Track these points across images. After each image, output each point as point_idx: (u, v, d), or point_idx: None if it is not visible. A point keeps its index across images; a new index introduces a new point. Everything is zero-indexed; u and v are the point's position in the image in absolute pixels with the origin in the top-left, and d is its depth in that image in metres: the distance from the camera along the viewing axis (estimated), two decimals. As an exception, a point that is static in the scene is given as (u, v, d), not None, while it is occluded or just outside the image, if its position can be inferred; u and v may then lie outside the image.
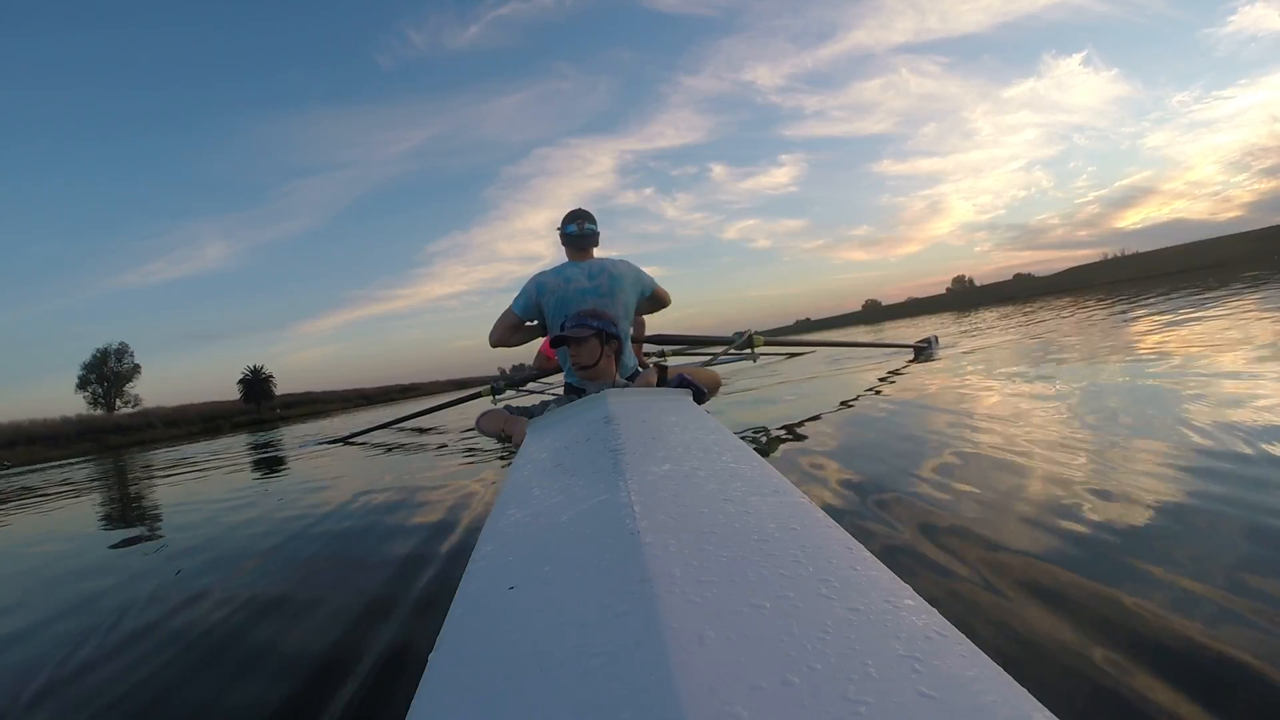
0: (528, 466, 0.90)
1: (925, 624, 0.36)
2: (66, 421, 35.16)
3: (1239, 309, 3.86)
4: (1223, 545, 0.79)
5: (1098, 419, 1.54)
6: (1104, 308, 6.73)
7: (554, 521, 0.59)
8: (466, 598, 0.50)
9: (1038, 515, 0.96)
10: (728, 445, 0.80)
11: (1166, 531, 0.84)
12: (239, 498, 2.77)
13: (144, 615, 1.22)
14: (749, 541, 0.47)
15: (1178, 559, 0.76)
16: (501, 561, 0.54)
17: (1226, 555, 0.76)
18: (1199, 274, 13.34)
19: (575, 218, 2.12)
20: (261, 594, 1.24)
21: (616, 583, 0.41)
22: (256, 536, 1.82)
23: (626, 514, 0.52)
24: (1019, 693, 0.31)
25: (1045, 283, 54.02)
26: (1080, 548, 0.83)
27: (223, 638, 1.04)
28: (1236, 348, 2.32)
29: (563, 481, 0.71)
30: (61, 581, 1.72)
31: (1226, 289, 6.01)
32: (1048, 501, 1.01)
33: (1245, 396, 1.54)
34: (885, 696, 0.30)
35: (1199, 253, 39.93)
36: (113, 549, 2.11)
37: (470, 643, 0.42)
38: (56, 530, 2.96)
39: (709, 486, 0.61)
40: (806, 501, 0.56)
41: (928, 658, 0.32)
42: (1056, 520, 0.92)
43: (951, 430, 1.65)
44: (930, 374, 3.19)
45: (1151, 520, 0.89)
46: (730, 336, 3.09)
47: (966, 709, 0.29)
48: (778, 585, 0.40)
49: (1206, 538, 0.81)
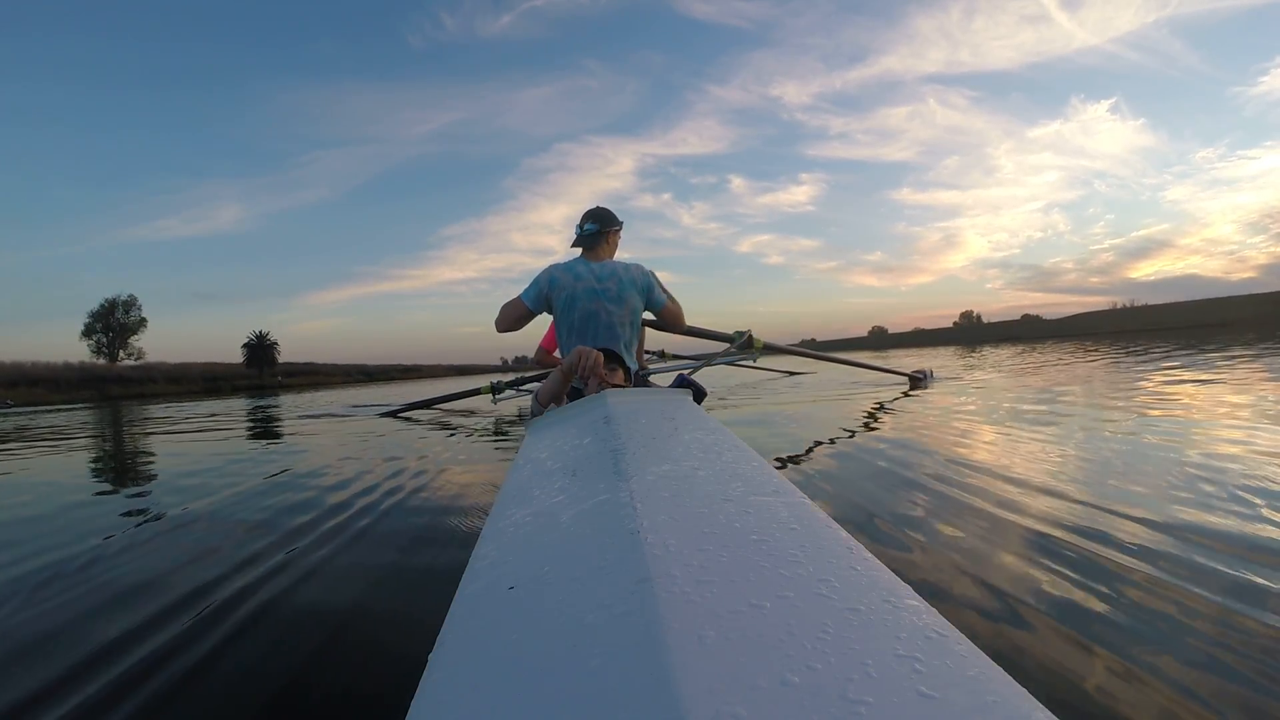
0: (528, 466, 0.90)
1: (925, 624, 0.36)
2: (69, 367, 34.70)
3: (1237, 371, 3.91)
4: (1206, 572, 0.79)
5: (1087, 462, 1.55)
6: (1107, 358, 6.76)
7: (554, 521, 0.59)
8: (466, 598, 0.50)
9: (1029, 536, 0.96)
10: (728, 445, 0.80)
11: (1152, 554, 0.84)
12: (234, 468, 2.76)
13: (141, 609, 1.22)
14: (749, 541, 0.47)
15: (1163, 584, 0.76)
16: (501, 561, 0.54)
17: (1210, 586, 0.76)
18: (1204, 331, 13.39)
19: (593, 217, 2.12)
20: (254, 601, 1.24)
21: (616, 583, 0.41)
22: (237, 532, 1.82)
23: (626, 514, 0.52)
24: (1019, 693, 0.31)
25: (1053, 326, 54.00)
26: (1069, 564, 0.83)
27: (211, 641, 1.04)
28: (1232, 410, 2.33)
29: (563, 481, 0.71)
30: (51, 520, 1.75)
31: (1228, 351, 6.08)
32: (1037, 527, 1.01)
33: (1235, 456, 1.55)
34: (885, 696, 0.30)
35: (1207, 310, 39.81)
36: (99, 496, 2.14)
37: (470, 643, 0.42)
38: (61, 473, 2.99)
39: (709, 486, 0.61)
40: (806, 501, 0.56)
41: (928, 658, 0.32)
42: (1048, 534, 0.93)
43: (947, 463, 1.66)
44: (931, 406, 3.22)
45: (1139, 547, 0.89)
46: (730, 335, 3.09)
47: (966, 709, 0.29)
48: (778, 585, 0.40)
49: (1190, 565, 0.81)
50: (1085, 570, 0.77)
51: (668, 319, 2.25)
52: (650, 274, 2.14)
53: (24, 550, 1.44)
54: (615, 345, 2.01)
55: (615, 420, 0.89)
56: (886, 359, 7.91)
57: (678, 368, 3.51)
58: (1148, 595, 0.69)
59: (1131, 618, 0.65)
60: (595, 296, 1.99)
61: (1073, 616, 0.67)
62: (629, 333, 2.05)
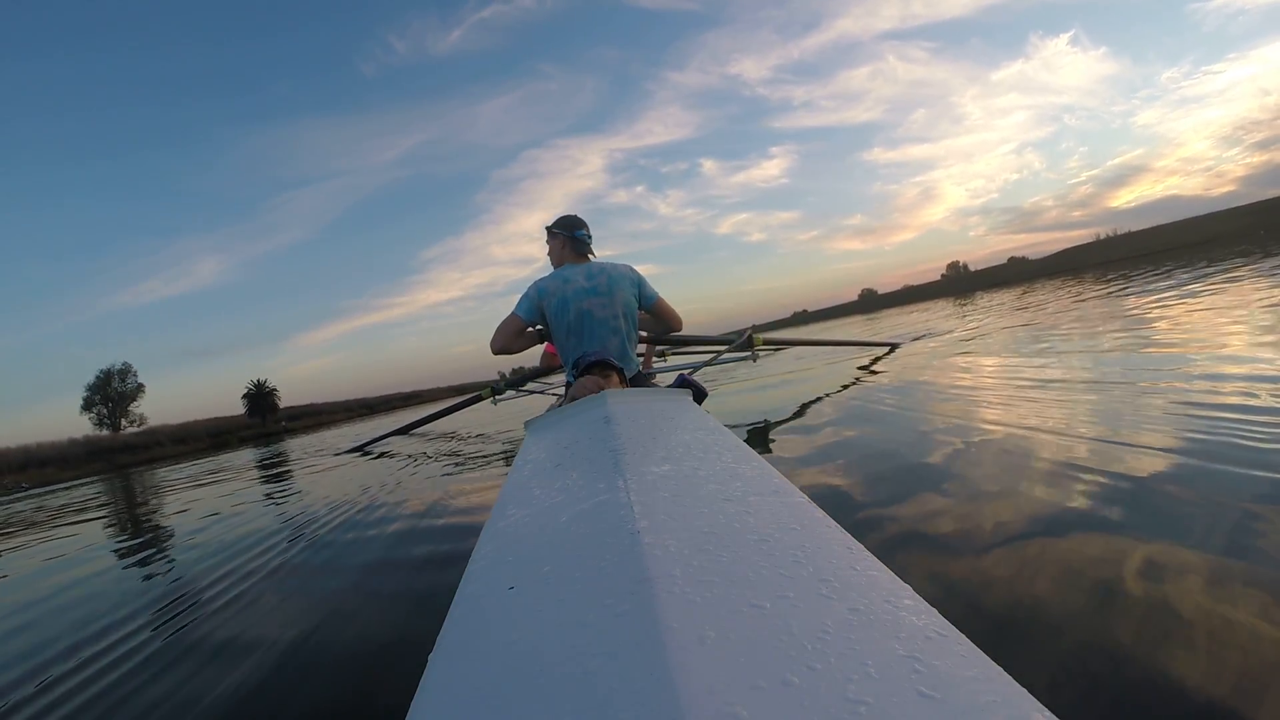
0: (527, 466, 0.90)
1: (925, 624, 0.36)
2: (74, 443, 35.31)
3: (1222, 286, 4.03)
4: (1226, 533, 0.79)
5: (1094, 403, 1.55)
6: (1097, 288, 6.95)
7: (554, 521, 0.59)
8: (466, 598, 0.50)
9: (1037, 508, 0.96)
10: (728, 445, 0.80)
11: (1165, 524, 0.84)
12: (241, 509, 2.80)
13: (145, 616, 1.22)
14: (749, 541, 0.47)
15: (1177, 559, 0.76)
16: (501, 561, 0.54)
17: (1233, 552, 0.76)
18: (1188, 251, 13.53)
19: (575, 224, 2.13)
20: (260, 597, 1.24)
21: (616, 583, 0.41)
22: (253, 540, 1.82)
23: (626, 514, 0.52)
24: (1019, 693, 0.31)
25: (1040, 265, 53.95)
26: (1079, 543, 0.83)
27: (221, 639, 1.04)
28: (1222, 329, 2.38)
29: (562, 481, 0.71)
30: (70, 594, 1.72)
31: (1214, 266, 6.29)
32: (1046, 494, 1.01)
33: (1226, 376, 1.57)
34: (885, 696, 0.30)
35: (1189, 230, 40.02)
36: (123, 559, 2.12)
37: (470, 643, 0.42)
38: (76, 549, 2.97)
39: (709, 486, 0.61)
40: (806, 501, 0.56)
41: (928, 658, 0.32)
42: (1055, 511, 0.92)
43: (946, 419, 1.66)
44: (926, 362, 3.25)
45: (1148, 507, 0.89)
46: (729, 336, 3.11)
47: (966, 709, 0.29)
48: (778, 585, 0.40)
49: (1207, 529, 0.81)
50: (1085, 570, 0.77)
51: (663, 315, 2.25)
52: (638, 272, 2.16)
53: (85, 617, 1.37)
54: (613, 341, 2.02)
55: (615, 420, 0.89)
56: (880, 321, 8.01)
57: (678, 368, 3.51)
58: (1148, 595, 0.69)
59: (1133, 617, 0.65)
60: (586, 295, 2.00)
61: (1073, 616, 0.67)
62: (626, 326, 2.05)
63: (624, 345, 2.05)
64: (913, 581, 0.40)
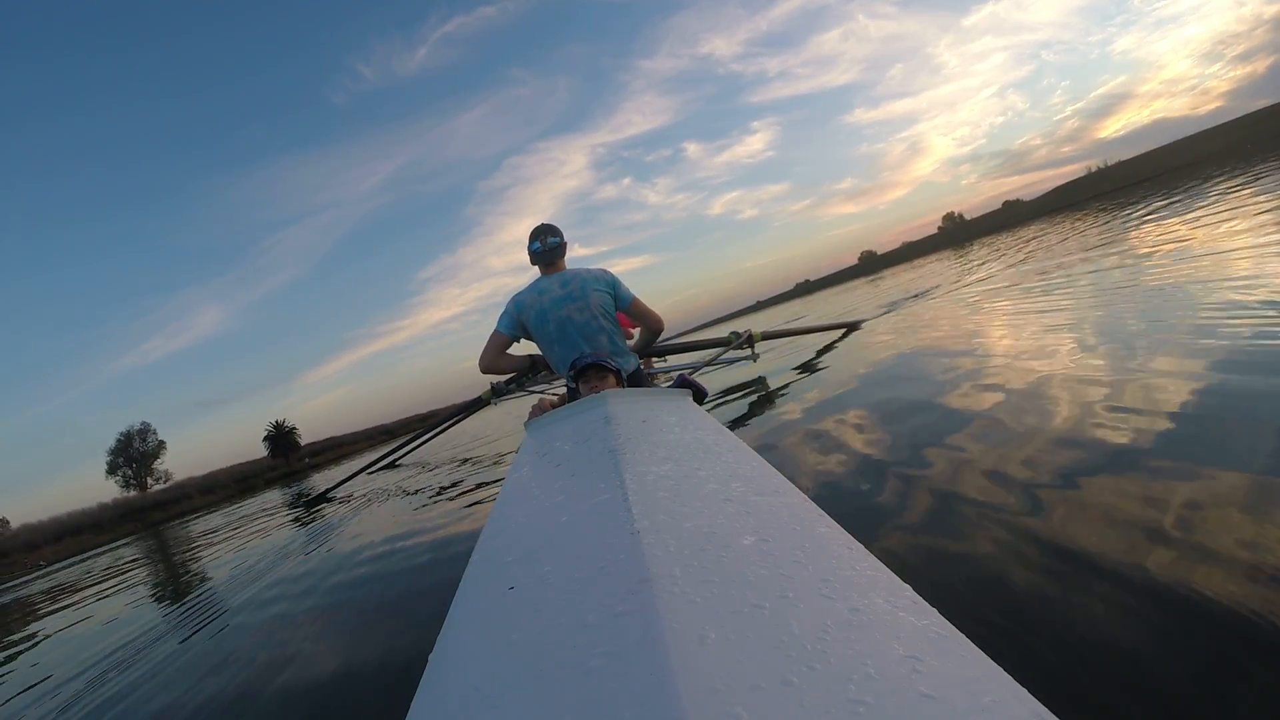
0: (527, 467, 0.90)
1: (925, 624, 0.36)
2: (105, 507, 35.61)
3: (1213, 207, 4.10)
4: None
5: (1109, 352, 1.53)
6: (1092, 223, 7.09)
7: (554, 521, 0.59)
8: (466, 598, 0.50)
9: (1041, 507, 0.95)
10: (728, 445, 0.80)
11: (1174, 500, 0.83)
12: (260, 542, 2.77)
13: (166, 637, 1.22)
14: (749, 541, 0.47)
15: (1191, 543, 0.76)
16: (501, 561, 0.54)
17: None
18: (1176, 174, 13.50)
19: (537, 234, 2.12)
20: (274, 608, 1.24)
21: (616, 583, 0.41)
22: (276, 559, 1.82)
23: (626, 514, 0.52)
24: (1019, 693, 0.31)
25: (1035, 206, 53.57)
26: (1070, 562, 0.83)
27: (228, 643, 1.04)
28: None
29: (562, 482, 0.71)
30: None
31: (1207, 184, 6.42)
32: (1047, 494, 1.00)
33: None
34: (885, 697, 0.30)
35: (1180, 151, 39.67)
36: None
37: (470, 643, 0.42)
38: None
39: (709, 486, 0.61)
40: (806, 501, 0.56)
41: (928, 658, 0.32)
42: (1057, 511, 0.92)
43: (951, 400, 1.65)
44: (928, 327, 3.25)
45: (1150, 472, 0.88)
46: (728, 336, 3.12)
47: (966, 709, 0.29)
48: (778, 585, 0.40)
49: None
50: (1085, 568, 0.76)
51: (641, 316, 2.24)
52: (612, 274, 2.15)
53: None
54: (601, 339, 2.02)
55: (615, 420, 0.89)
56: (884, 280, 7.97)
57: (678, 368, 3.51)
58: (1149, 594, 0.69)
59: (1134, 618, 0.65)
60: (564, 303, 2.01)
61: (1074, 616, 0.67)
62: (609, 325, 2.05)
63: (612, 341, 2.04)
64: (913, 581, 0.40)
